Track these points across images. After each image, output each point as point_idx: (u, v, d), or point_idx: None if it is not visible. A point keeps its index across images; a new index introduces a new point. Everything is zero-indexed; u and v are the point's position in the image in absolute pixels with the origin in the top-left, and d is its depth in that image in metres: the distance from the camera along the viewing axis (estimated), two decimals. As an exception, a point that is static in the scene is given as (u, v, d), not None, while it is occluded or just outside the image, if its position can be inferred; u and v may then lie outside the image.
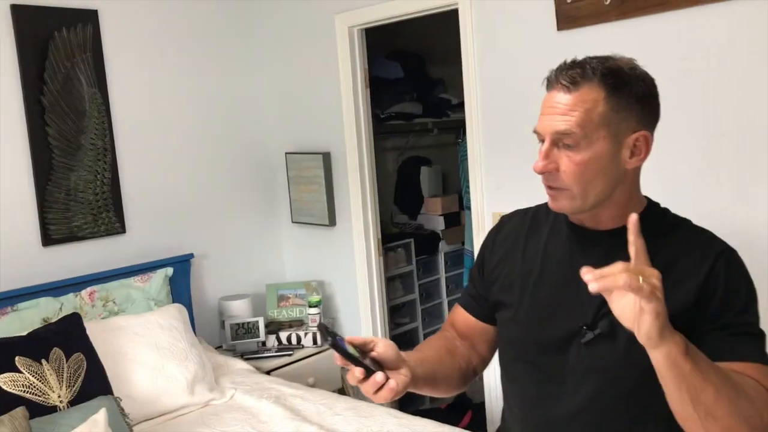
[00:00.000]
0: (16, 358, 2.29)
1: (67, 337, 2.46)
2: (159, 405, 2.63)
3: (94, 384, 2.41)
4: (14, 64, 2.87)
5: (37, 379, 2.28)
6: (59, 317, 2.65)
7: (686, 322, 1.08)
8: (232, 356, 3.22)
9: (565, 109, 1.14)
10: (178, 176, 3.39)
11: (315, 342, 3.41)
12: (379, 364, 1.17)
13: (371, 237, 3.46)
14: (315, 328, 3.38)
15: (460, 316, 1.47)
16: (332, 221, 3.54)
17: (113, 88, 3.15)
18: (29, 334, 2.45)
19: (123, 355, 2.64)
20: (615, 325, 1.07)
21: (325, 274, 3.66)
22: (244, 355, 3.31)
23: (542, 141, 1.18)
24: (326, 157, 3.50)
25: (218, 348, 3.38)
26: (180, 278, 3.29)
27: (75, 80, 3.03)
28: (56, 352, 2.37)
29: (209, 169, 3.51)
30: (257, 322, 3.38)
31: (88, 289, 2.96)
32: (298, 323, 3.53)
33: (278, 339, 3.41)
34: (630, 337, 1.02)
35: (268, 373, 3.21)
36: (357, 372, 1.11)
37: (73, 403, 2.31)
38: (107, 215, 3.15)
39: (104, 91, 3.12)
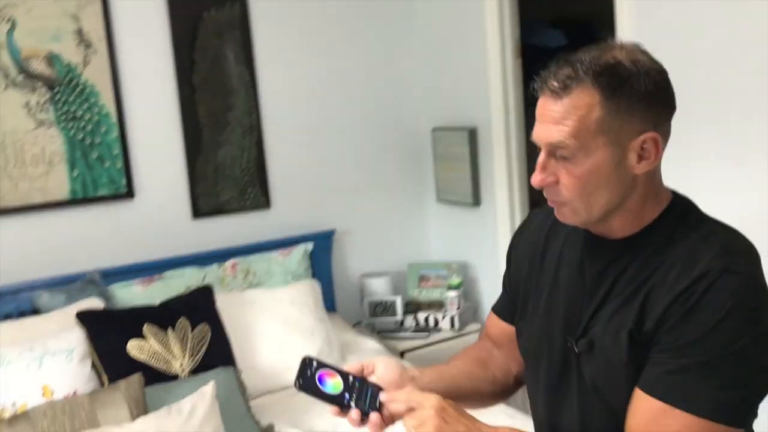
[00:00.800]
0: (145, 326, 2.44)
1: (195, 308, 2.59)
2: (280, 379, 2.68)
3: (217, 355, 2.51)
4: (169, 47, 3.04)
5: (162, 347, 2.42)
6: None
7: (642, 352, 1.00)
8: (367, 335, 3.20)
9: (557, 117, 0.99)
10: (323, 152, 3.42)
11: (452, 326, 3.30)
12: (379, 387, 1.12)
13: (516, 218, 3.25)
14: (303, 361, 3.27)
15: (494, 323, 1.35)
16: (477, 201, 3.38)
17: (260, 66, 3.23)
18: (161, 303, 2.60)
19: (250, 328, 2.72)
20: (594, 343, 1.06)
21: (469, 255, 3.52)
22: (381, 333, 3.29)
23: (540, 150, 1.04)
24: (472, 134, 3.34)
25: (356, 325, 3.39)
26: (321, 254, 3.33)
27: (223, 59, 3.14)
28: (182, 322, 2.49)
29: (354, 145, 3.50)
30: (395, 301, 3.34)
31: (231, 261, 3.08)
32: (438, 305, 3.44)
33: (416, 320, 3.34)
34: (607, 358, 1.03)
35: (401, 354, 3.16)
36: (330, 410, 1.12)
37: (195, 372, 2.42)
38: (253, 190, 3.25)
39: (251, 69, 3.20)
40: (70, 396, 2.17)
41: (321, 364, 1.11)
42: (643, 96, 0.98)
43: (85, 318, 2.45)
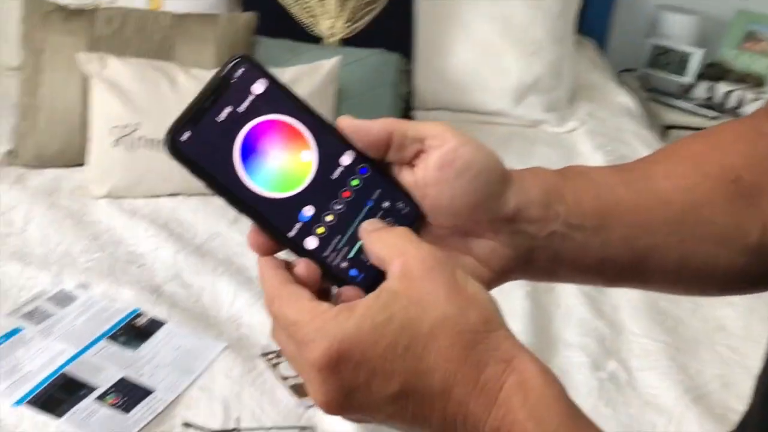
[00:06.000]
0: (302, -42, 1.74)
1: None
2: (469, 98, 1.89)
3: (387, 32, 1.76)
4: None
5: (314, -5, 1.72)
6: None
7: None
8: (628, 89, 2.21)
9: None
10: None
11: (763, 117, 2.16)
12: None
13: None
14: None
15: None
16: None
17: None
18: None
19: (449, 17, 1.89)
20: None
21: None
22: (652, 92, 2.28)
23: None
24: None
25: (625, 71, 2.38)
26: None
27: None
28: (352, -30, 1.74)
29: None
30: (693, 54, 2.24)
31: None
32: (757, 80, 2.26)
33: (712, 91, 2.24)
34: None
35: (666, 128, 2.16)
36: (251, 237, 0.40)
37: (349, 43, 1.73)
38: None
39: None
40: (146, 9, 1.61)
41: (272, 84, 0.41)
42: None
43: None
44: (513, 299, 1.21)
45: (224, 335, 1.07)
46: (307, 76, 1.46)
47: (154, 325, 1.08)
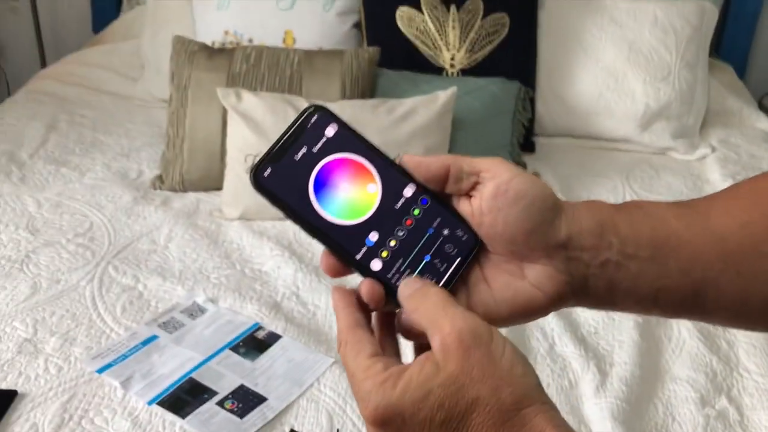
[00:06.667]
0: (425, -7, 1.81)
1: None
2: (593, 124, 1.88)
3: (507, 60, 1.80)
4: None
5: (435, 27, 1.79)
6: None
7: None
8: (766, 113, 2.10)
9: None
10: None
11: None
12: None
13: None
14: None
15: None
16: None
17: None
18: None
19: (573, 41, 1.89)
20: None
21: None
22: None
23: None
24: None
25: (766, 96, 2.26)
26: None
27: None
28: (474, 2, 1.79)
29: None
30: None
31: (608, -51, 2.16)
32: None
33: None
34: None
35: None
36: (324, 262, 0.47)
37: (466, 72, 1.78)
38: None
39: None
40: (280, 47, 1.73)
41: (342, 128, 0.47)
42: None
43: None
44: (622, 330, 1.20)
45: (333, 351, 1.14)
46: (423, 106, 1.52)
47: (271, 338, 1.17)
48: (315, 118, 0.46)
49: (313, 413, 1.03)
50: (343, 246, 0.45)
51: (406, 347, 0.46)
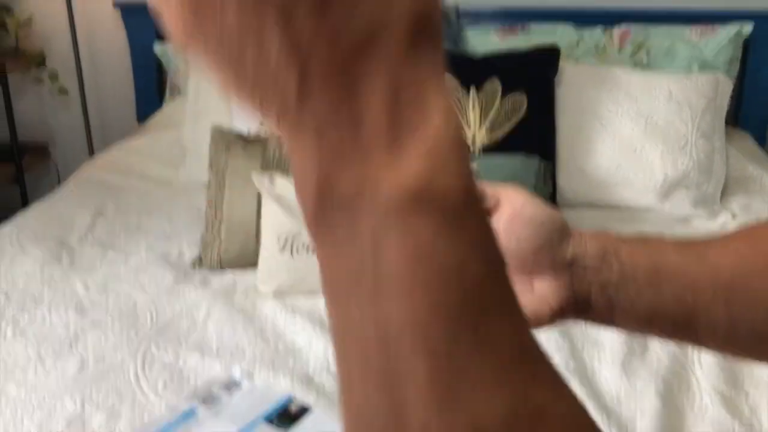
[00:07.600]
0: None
1: (518, 72, 1.94)
2: (613, 195, 1.94)
3: (527, 138, 1.88)
4: None
5: (457, 109, 1.89)
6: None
7: None
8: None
9: None
10: None
11: None
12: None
13: None
14: None
15: None
16: None
17: None
18: (483, 56, 2.01)
19: (591, 116, 1.97)
20: None
21: None
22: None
23: None
24: None
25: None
26: (763, 43, 2.25)
27: None
28: (492, 84, 1.89)
29: None
30: None
31: (623, 27, 2.27)
32: None
33: None
34: None
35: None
36: None
37: (487, 150, 1.86)
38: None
39: None
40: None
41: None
42: None
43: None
44: (643, 397, 1.22)
45: (362, 422, 1.19)
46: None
47: (303, 411, 1.23)
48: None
49: (343, 483, 1.07)
50: None
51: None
